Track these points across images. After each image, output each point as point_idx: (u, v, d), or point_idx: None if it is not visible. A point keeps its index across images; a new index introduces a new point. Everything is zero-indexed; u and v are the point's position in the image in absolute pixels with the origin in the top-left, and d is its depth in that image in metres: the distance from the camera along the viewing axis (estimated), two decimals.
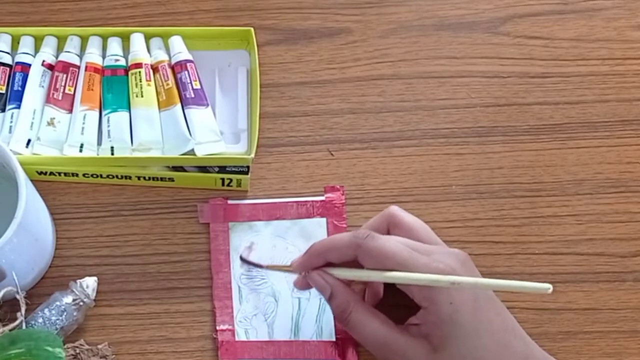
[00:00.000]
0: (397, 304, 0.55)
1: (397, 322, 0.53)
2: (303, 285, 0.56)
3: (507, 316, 0.52)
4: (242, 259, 0.59)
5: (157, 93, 0.62)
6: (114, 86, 0.62)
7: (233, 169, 0.60)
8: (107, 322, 0.58)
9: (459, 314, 0.50)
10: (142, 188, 0.61)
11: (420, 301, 0.51)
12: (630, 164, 0.63)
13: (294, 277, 0.59)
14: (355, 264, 0.53)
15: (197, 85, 0.62)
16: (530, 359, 0.51)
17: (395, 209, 0.55)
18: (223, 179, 0.60)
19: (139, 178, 0.61)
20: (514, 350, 0.51)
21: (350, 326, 0.53)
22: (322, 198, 0.61)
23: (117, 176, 0.61)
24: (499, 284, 0.49)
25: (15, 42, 0.63)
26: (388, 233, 0.54)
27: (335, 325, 0.58)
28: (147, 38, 0.64)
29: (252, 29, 0.63)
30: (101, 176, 0.61)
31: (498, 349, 0.50)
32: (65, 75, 0.62)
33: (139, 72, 0.62)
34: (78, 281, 0.56)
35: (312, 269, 0.54)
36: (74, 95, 0.62)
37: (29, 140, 0.60)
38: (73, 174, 0.61)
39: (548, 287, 0.46)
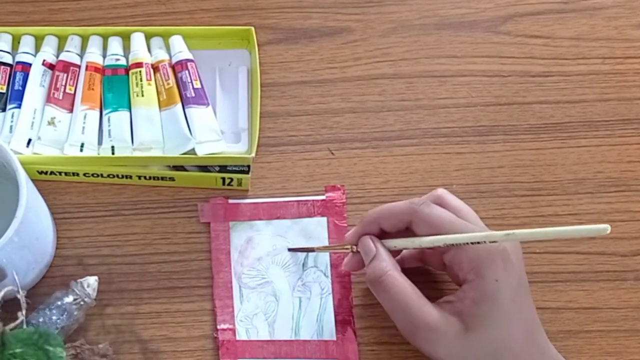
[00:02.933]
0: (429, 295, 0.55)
1: None
2: (353, 264, 0.56)
3: (535, 311, 0.53)
4: (291, 249, 0.59)
5: (158, 92, 0.62)
6: (115, 85, 0.62)
7: (234, 168, 0.60)
8: (107, 322, 0.58)
9: (500, 293, 0.50)
10: (143, 187, 0.62)
11: (467, 274, 0.51)
12: (631, 163, 0.63)
13: (294, 276, 0.59)
14: (403, 236, 0.54)
15: (197, 85, 0.62)
16: (547, 355, 0.52)
17: (443, 192, 0.55)
18: (224, 179, 0.61)
19: (139, 177, 0.61)
20: (538, 344, 0.52)
21: (382, 290, 0.53)
22: (323, 197, 0.61)
23: (117, 175, 0.61)
24: (557, 231, 0.49)
25: (16, 41, 0.63)
26: (405, 228, 0.55)
27: (335, 325, 0.58)
28: (148, 37, 0.64)
29: (252, 29, 0.63)
30: (102, 175, 0.61)
31: (527, 339, 0.51)
32: (65, 75, 0.62)
33: (140, 71, 0.62)
34: (79, 280, 0.56)
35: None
36: (74, 94, 0.62)
37: (29, 140, 0.60)
38: (74, 174, 0.61)
39: (606, 227, 0.46)
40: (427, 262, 0.57)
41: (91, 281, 0.56)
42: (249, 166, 0.60)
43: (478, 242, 0.51)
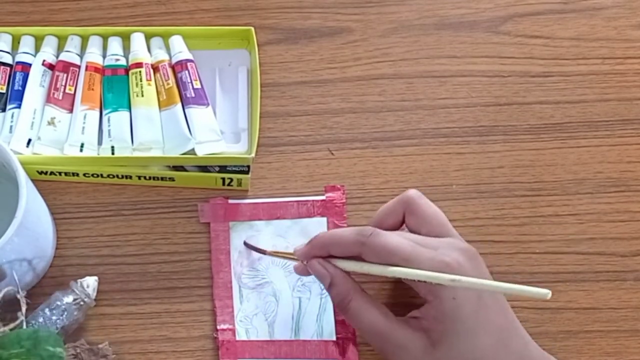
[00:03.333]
0: (400, 301, 0.55)
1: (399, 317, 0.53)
2: (303, 271, 0.56)
3: (509, 314, 0.52)
4: (246, 244, 0.59)
5: (158, 92, 0.62)
6: (115, 86, 0.62)
7: (233, 169, 0.60)
8: (107, 322, 0.58)
9: (461, 309, 0.50)
10: (143, 188, 0.62)
11: (425, 295, 0.51)
12: (631, 163, 0.63)
13: (294, 276, 0.59)
14: (358, 257, 0.53)
15: (197, 85, 0.62)
16: (526, 359, 0.51)
17: (412, 196, 0.54)
18: (223, 179, 0.60)
19: (139, 178, 0.61)
20: (512, 350, 0.51)
21: (350, 315, 0.53)
22: (323, 197, 0.61)
23: (117, 176, 0.61)
24: (499, 287, 0.48)
25: (16, 41, 0.63)
26: (403, 218, 0.55)
27: (335, 325, 0.58)
28: (148, 38, 0.64)
29: (252, 29, 0.63)
30: (102, 176, 0.61)
31: (496, 348, 0.50)
32: (65, 75, 0.62)
33: (140, 71, 0.62)
34: (79, 281, 0.56)
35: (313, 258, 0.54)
36: (74, 94, 0.62)
37: (29, 140, 0.60)
38: (73, 174, 0.61)
39: (547, 292, 0.46)
40: None
41: (91, 281, 0.56)
42: (248, 166, 0.60)
43: (412, 278, 0.50)
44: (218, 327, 0.58)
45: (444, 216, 0.54)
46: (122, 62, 0.63)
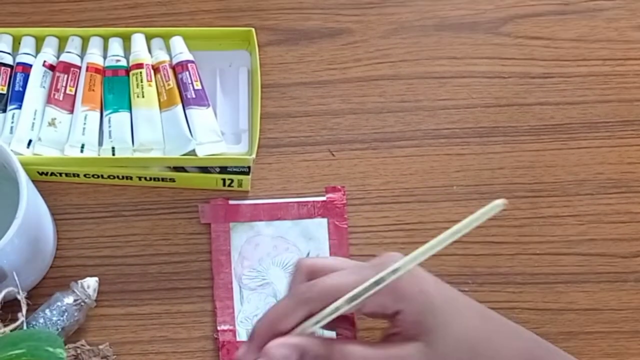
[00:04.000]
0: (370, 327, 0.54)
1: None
2: None
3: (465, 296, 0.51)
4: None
5: (158, 93, 0.62)
6: (115, 86, 0.62)
7: (234, 170, 0.60)
8: (108, 323, 0.58)
9: (433, 298, 0.48)
10: (143, 188, 0.61)
11: (394, 305, 0.48)
12: (632, 165, 0.63)
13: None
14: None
15: (198, 86, 0.62)
16: (508, 325, 0.50)
17: (303, 262, 0.49)
18: (224, 180, 0.60)
19: (140, 178, 0.61)
20: (496, 320, 0.50)
21: None
22: (323, 198, 0.61)
23: (118, 177, 0.61)
24: (450, 235, 0.45)
25: (17, 42, 0.63)
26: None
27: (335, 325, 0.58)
28: (148, 38, 0.64)
29: (253, 30, 0.63)
30: (102, 176, 0.61)
31: (486, 325, 0.49)
32: (66, 76, 0.62)
33: (140, 72, 0.62)
34: (79, 281, 0.56)
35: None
36: (75, 95, 0.62)
37: (30, 141, 0.60)
38: (74, 175, 0.61)
39: (500, 202, 0.43)
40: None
41: (91, 282, 0.56)
42: (249, 167, 0.60)
43: (364, 294, 0.46)
44: (218, 328, 0.58)
45: (346, 259, 0.52)
46: (123, 63, 0.63)
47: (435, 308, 0.48)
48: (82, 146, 0.60)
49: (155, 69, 0.62)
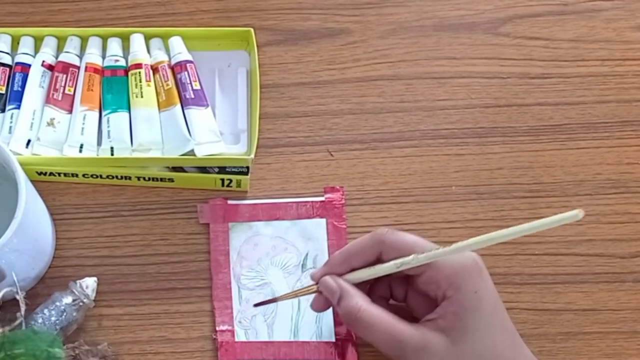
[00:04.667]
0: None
1: None
2: (320, 304, 0.55)
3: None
4: (256, 305, 0.58)
5: (157, 93, 0.62)
6: (114, 86, 0.62)
7: (233, 170, 0.60)
8: (106, 323, 0.58)
9: (481, 304, 0.50)
10: (142, 188, 0.61)
11: (446, 290, 0.51)
12: (630, 165, 0.63)
13: (293, 277, 0.59)
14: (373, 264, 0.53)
15: (197, 86, 0.62)
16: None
17: (385, 232, 0.53)
18: (223, 180, 0.60)
19: (138, 178, 0.61)
20: (523, 351, 0.52)
21: (362, 326, 0.52)
22: (322, 198, 0.61)
23: (116, 177, 0.61)
24: (527, 228, 0.48)
25: (15, 42, 0.63)
26: (375, 258, 0.53)
27: (335, 326, 0.58)
28: (147, 38, 0.64)
29: (252, 30, 0.63)
30: (101, 177, 0.61)
31: (513, 347, 0.51)
32: (65, 76, 0.62)
33: (139, 72, 0.62)
34: (78, 281, 0.56)
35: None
36: (73, 95, 0.62)
37: (28, 141, 0.60)
38: (73, 175, 0.61)
39: (577, 212, 0.46)
40: (392, 294, 0.56)
41: (90, 282, 0.56)
42: (248, 167, 0.60)
43: (431, 257, 0.51)
44: (217, 328, 0.58)
45: (426, 241, 0.54)
46: (122, 63, 0.63)
47: (479, 314, 0.50)
48: (81, 146, 0.60)
49: (154, 69, 0.62)
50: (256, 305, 0.57)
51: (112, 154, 0.60)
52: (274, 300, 0.57)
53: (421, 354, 0.51)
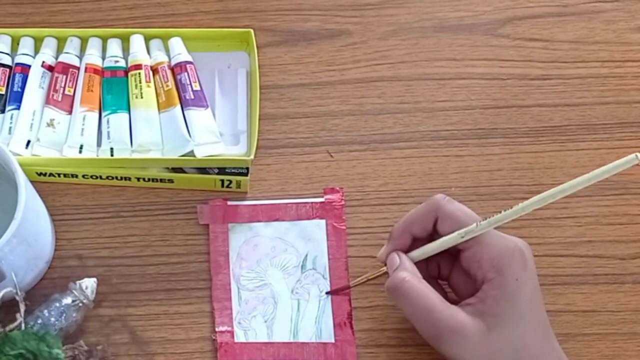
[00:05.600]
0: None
1: None
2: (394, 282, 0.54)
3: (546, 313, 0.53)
4: (329, 293, 0.59)
5: (157, 94, 0.62)
6: (114, 87, 0.62)
7: (232, 171, 0.60)
8: (106, 324, 0.58)
9: (521, 293, 0.50)
10: (142, 189, 0.61)
11: (487, 272, 0.51)
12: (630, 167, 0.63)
13: (293, 278, 0.59)
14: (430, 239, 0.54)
15: (196, 87, 0.62)
16: (562, 357, 0.53)
17: (442, 199, 0.54)
18: (222, 180, 0.61)
19: (138, 179, 0.61)
20: (554, 346, 0.52)
21: (402, 297, 0.52)
22: (322, 199, 0.61)
23: (116, 177, 0.61)
24: (587, 178, 0.50)
25: (15, 43, 0.63)
26: (432, 226, 0.54)
27: (334, 327, 0.58)
28: (147, 39, 0.64)
29: (251, 31, 0.63)
30: (101, 177, 0.61)
31: (543, 341, 0.51)
32: (65, 77, 0.62)
33: (139, 73, 0.62)
34: (77, 282, 0.56)
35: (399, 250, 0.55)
36: (73, 96, 0.62)
37: (28, 141, 0.60)
38: (72, 175, 0.61)
39: (633, 157, 0.47)
40: (439, 273, 0.57)
41: (90, 283, 0.56)
42: (247, 168, 0.60)
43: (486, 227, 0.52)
44: (217, 329, 0.58)
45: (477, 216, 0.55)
46: (122, 63, 0.63)
47: (516, 302, 0.51)
48: (81, 147, 0.60)
49: (154, 70, 0.63)
50: (329, 293, 0.58)
51: (111, 155, 0.60)
52: (347, 287, 0.58)
53: (457, 337, 0.51)
